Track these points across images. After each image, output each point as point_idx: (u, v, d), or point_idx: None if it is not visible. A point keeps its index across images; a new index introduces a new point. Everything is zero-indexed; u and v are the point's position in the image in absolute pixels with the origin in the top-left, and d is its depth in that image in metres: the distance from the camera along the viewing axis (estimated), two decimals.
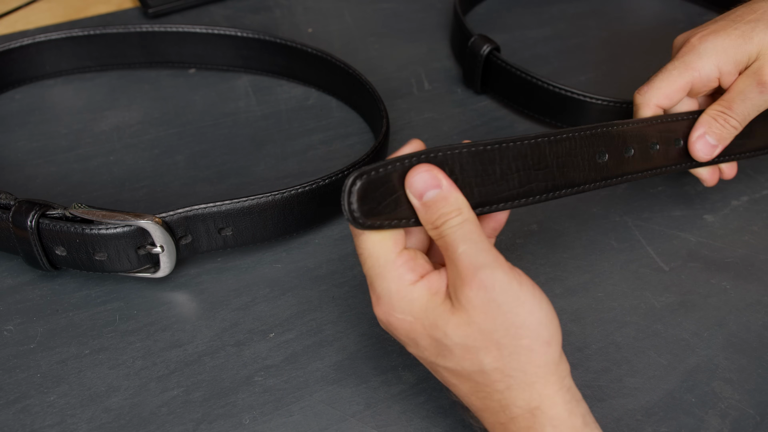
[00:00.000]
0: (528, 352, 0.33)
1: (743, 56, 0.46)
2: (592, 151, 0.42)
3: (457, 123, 0.64)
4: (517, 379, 0.33)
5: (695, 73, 0.47)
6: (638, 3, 0.83)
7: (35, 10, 0.77)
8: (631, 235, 0.53)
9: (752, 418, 0.42)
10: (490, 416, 0.35)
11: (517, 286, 0.33)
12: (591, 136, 0.42)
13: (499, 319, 0.33)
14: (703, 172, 0.50)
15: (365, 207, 0.34)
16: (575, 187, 0.41)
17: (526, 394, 0.34)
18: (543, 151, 0.39)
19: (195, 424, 0.41)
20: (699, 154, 0.48)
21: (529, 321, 0.33)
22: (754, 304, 0.49)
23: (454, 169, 0.36)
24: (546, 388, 0.34)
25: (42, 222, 0.44)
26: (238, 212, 0.47)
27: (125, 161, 0.58)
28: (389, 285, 0.35)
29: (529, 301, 0.33)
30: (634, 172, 0.45)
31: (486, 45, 0.63)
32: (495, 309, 0.33)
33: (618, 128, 0.44)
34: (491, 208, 0.37)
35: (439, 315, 0.34)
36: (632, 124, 0.45)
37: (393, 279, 0.34)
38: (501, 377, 0.34)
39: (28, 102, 0.64)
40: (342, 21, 0.77)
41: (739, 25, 0.47)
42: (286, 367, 0.44)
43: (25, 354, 0.44)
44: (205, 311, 0.47)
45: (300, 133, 0.61)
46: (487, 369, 0.34)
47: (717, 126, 0.47)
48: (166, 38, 0.66)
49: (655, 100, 0.47)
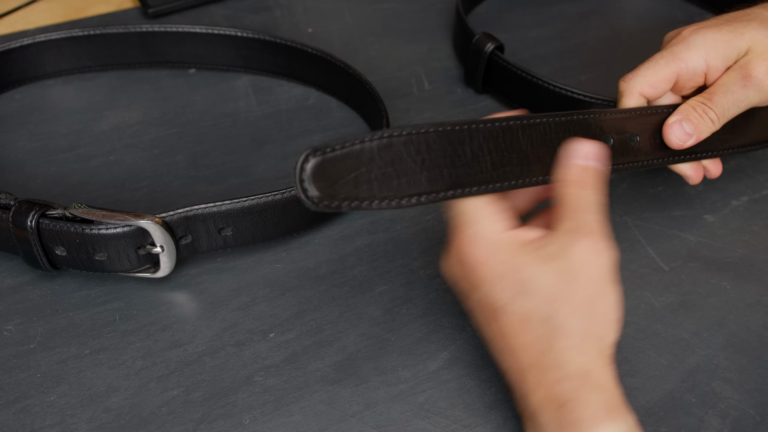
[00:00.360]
0: (597, 321, 0.35)
1: (732, 52, 0.46)
2: (567, 138, 0.40)
3: None
4: (576, 340, 0.35)
5: (682, 64, 0.46)
6: (638, 3, 0.83)
7: (35, 10, 0.77)
8: (631, 235, 0.53)
9: (752, 418, 0.42)
10: (536, 374, 0.36)
11: (615, 267, 0.36)
12: (566, 123, 0.41)
13: (590, 282, 0.35)
14: (686, 169, 0.49)
15: (320, 184, 0.33)
16: (551, 175, 0.40)
17: (581, 358, 0.35)
18: (516, 134, 0.38)
19: (195, 424, 0.41)
20: (672, 139, 0.46)
21: (611, 297, 0.36)
22: (754, 304, 0.49)
23: (420, 149, 0.35)
24: (598, 359, 0.35)
25: (42, 222, 0.44)
26: (238, 212, 0.47)
27: (125, 161, 0.58)
28: (482, 227, 0.36)
29: (615, 283, 0.36)
30: (613, 164, 0.44)
31: (490, 43, 0.63)
32: (594, 272, 0.35)
33: (596, 116, 0.43)
34: (464, 191, 0.37)
35: (532, 259, 0.36)
36: (612, 113, 0.44)
37: (485, 223, 0.37)
38: (564, 334, 0.35)
39: (28, 102, 0.64)
40: (342, 21, 0.77)
41: (732, 23, 0.47)
42: (286, 367, 0.44)
43: (25, 354, 0.44)
44: (205, 311, 0.47)
45: (300, 133, 0.61)
46: (555, 321, 0.35)
47: (695, 115, 0.46)
48: (166, 38, 0.66)
49: (639, 88, 0.47)
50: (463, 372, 0.44)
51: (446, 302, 0.48)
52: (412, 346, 0.45)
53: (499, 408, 0.42)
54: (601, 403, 0.34)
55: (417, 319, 0.47)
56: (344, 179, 0.33)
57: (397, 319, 0.47)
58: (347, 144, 0.33)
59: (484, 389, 0.43)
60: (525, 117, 0.39)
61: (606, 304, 0.36)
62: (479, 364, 0.44)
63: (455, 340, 0.46)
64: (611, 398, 0.35)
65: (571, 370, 0.35)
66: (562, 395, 0.35)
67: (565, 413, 0.34)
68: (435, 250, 0.51)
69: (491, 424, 0.41)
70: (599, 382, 0.35)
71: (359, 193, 0.34)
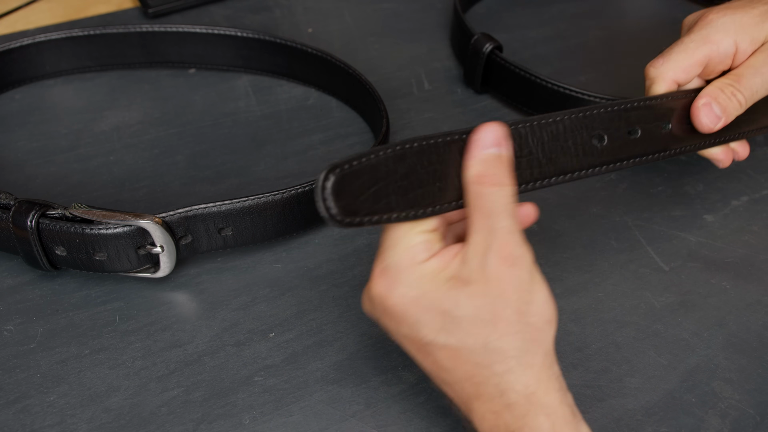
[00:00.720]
0: (533, 331, 0.34)
1: (761, 34, 0.45)
2: (587, 134, 0.40)
3: (457, 123, 0.63)
4: (518, 360, 0.33)
5: (713, 47, 0.45)
6: (638, 3, 0.83)
7: (35, 10, 0.77)
8: (631, 235, 0.53)
9: (752, 418, 0.42)
10: (482, 405, 0.34)
11: (534, 269, 0.34)
12: (588, 118, 0.40)
13: (516, 296, 0.33)
14: (717, 152, 0.47)
15: (342, 202, 0.32)
16: (567, 174, 0.39)
17: (525, 378, 0.33)
18: (525, 139, 0.38)
19: (195, 424, 0.41)
20: (704, 121, 0.44)
21: (538, 298, 0.34)
22: (754, 304, 0.49)
23: (432, 159, 0.35)
24: (542, 372, 0.34)
25: (42, 222, 0.44)
26: (238, 212, 0.47)
27: (125, 161, 0.58)
28: (399, 258, 0.34)
29: (538, 280, 0.34)
30: (643, 155, 0.43)
31: (488, 43, 0.63)
32: (516, 285, 0.33)
33: (622, 108, 0.41)
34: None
35: (451, 287, 0.33)
36: (640, 102, 0.43)
37: (404, 253, 0.34)
38: (502, 358, 0.33)
39: (28, 102, 0.64)
40: (342, 21, 0.77)
41: (757, 5, 0.46)
42: (286, 367, 0.44)
43: (25, 354, 0.44)
44: (205, 311, 0.47)
45: (300, 133, 0.61)
46: (491, 347, 0.33)
47: (723, 97, 0.45)
48: (166, 38, 0.66)
49: (672, 74, 0.45)
50: None
51: None
52: None
53: None
54: (549, 428, 0.33)
55: None
56: (364, 195, 0.33)
57: None
58: (363, 159, 0.33)
59: None
60: (538, 118, 0.38)
61: (536, 307, 0.34)
62: None
63: None
64: (558, 420, 0.33)
65: (513, 397, 0.33)
66: (509, 424, 0.33)
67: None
68: None
69: None
70: (544, 402, 0.33)
71: (379, 207, 0.33)
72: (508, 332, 0.33)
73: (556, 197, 0.56)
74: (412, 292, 0.34)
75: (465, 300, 0.33)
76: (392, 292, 0.34)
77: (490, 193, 0.34)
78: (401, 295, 0.34)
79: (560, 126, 0.39)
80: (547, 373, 0.34)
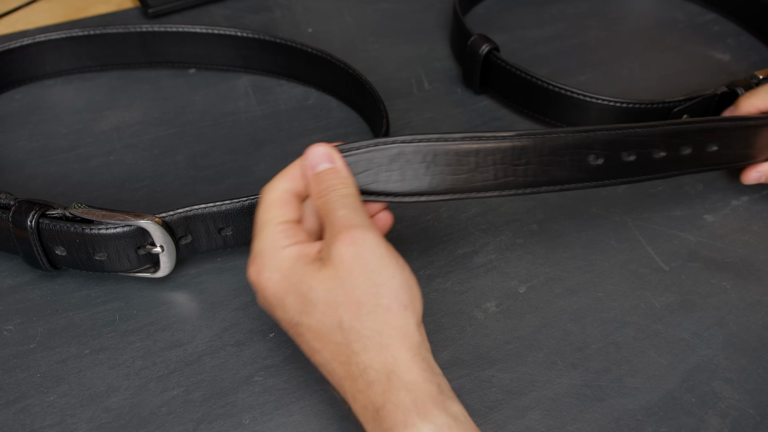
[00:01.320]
0: (385, 312, 0.34)
1: None
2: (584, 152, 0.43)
3: (457, 123, 0.63)
4: (372, 340, 0.34)
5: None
6: (638, 3, 0.83)
7: (35, 10, 0.77)
8: (631, 235, 0.53)
9: (752, 418, 0.42)
10: (351, 384, 0.35)
11: (384, 250, 0.35)
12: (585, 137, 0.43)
13: (362, 276, 0.34)
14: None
15: None
16: (557, 185, 0.43)
17: (382, 357, 0.34)
18: (525, 149, 0.41)
19: (195, 424, 0.41)
20: (747, 181, 0.54)
21: (390, 282, 0.35)
22: (754, 304, 0.49)
23: (426, 158, 0.39)
24: (401, 353, 0.34)
25: (42, 222, 0.44)
26: (238, 212, 0.47)
27: (125, 161, 0.58)
28: (264, 245, 0.37)
29: (392, 265, 0.35)
30: (633, 177, 0.46)
31: (485, 44, 0.63)
32: (361, 265, 0.35)
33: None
34: (462, 196, 0.41)
35: (306, 271, 0.35)
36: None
37: (268, 239, 0.37)
38: (357, 337, 0.34)
39: (28, 102, 0.64)
40: (342, 21, 0.77)
41: None
42: (286, 366, 0.44)
43: (25, 354, 0.44)
44: (205, 311, 0.47)
45: (300, 133, 0.61)
46: (345, 326, 0.34)
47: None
48: (166, 38, 0.66)
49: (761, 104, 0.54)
50: (463, 372, 0.44)
51: (446, 302, 0.48)
52: None
53: (499, 408, 0.42)
54: (411, 402, 0.33)
55: None
56: (359, 174, 0.39)
57: None
58: (362, 148, 0.39)
59: (484, 389, 0.43)
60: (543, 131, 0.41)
61: (388, 290, 0.35)
62: (479, 364, 0.44)
63: (455, 340, 0.46)
64: (421, 395, 0.33)
65: (373, 375, 0.33)
66: (374, 401, 0.33)
67: (380, 420, 0.33)
68: (435, 250, 0.51)
69: (491, 424, 0.41)
70: (406, 379, 0.33)
71: (371, 188, 0.39)
72: (360, 313, 0.34)
73: (556, 197, 0.56)
74: (276, 275, 0.36)
75: (318, 283, 0.35)
76: (261, 275, 0.37)
77: (329, 199, 0.37)
78: (267, 278, 0.36)
79: (561, 141, 0.42)
80: (407, 354, 0.34)
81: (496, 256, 0.51)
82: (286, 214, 0.38)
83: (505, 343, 0.46)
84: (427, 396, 0.33)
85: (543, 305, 0.48)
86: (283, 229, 0.37)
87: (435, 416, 0.32)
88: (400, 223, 0.53)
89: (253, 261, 0.37)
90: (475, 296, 0.48)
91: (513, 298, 0.48)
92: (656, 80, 0.70)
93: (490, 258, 0.51)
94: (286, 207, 0.38)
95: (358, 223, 0.36)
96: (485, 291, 0.49)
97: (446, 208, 0.55)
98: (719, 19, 0.80)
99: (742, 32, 0.78)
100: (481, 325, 0.47)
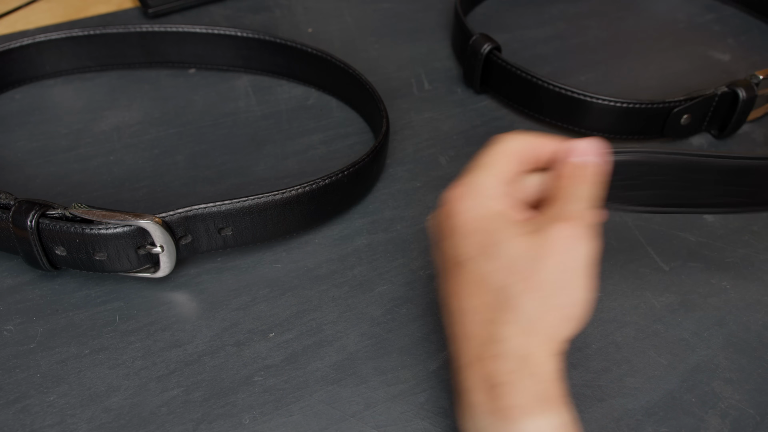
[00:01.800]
0: (552, 309, 0.33)
1: None
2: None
3: (457, 123, 0.64)
4: (525, 320, 0.33)
5: None
6: (638, 3, 0.83)
7: (35, 10, 0.77)
8: (631, 235, 0.53)
9: (752, 418, 0.42)
10: (478, 346, 0.34)
11: (590, 262, 0.34)
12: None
13: (558, 268, 0.33)
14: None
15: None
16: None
17: (525, 339, 0.33)
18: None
19: (195, 424, 0.41)
20: None
21: (574, 293, 0.34)
22: (754, 304, 0.49)
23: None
24: (542, 346, 0.33)
25: (42, 222, 0.44)
26: (238, 212, 0.47)
27: (125, 161, 0.58)
28: (483, 180, 0.36)
29: (586, 280, 0.34)
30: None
31: (486, 44, 0.63)
32: (565, 259, 0.33)
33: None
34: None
35: (507, 227, 0.35)
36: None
37: (489, 177, 0.36)
38: (513, 308, 0.33)
39: (28, 102, 0.64)
40: (342, 21, 0.77)
41: None
42: (285, 367, 0.44)
43: (25, 354, 0.44)
44: (205, 311, 0.47)
45: (300, 133, 0.61)
46: (509, 292, 0.33)
47: None
48: (166, 38, 0.66)
49: None
50: None
51: None
52: (412, 346, 0.45)
53: None
54: (535, 392, 0.32)
55: (417, 319, 0.47)
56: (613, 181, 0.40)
57: (397, 319, 0.47)
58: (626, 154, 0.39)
59: None
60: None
61: (568, 297, 0.34)
62: None
63: None
64: (547, 389, 0.33)
65: (509, 348, 0.33)
66: (496, 375, 0.33)
67: (496, 396, 0.32)
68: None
69: None
70: (537, 369, 0.33)
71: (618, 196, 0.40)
72: (530, 291, 0.33)
73: None
74: (478, 210, 0.35)
75: (516, 244, 0.34)
76: (462, 201, 0.36)
77: (575, 187, 0.36)
78: (468, 207, 0.36)
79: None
80: (548, 351, 0.33)
81: None
82: (514, 169, 0.37)
83: None
84: (554, 393, 0.33)
85: None
86: (507, 178, 0.37)
87: (554, 414, 0.32)
88: (400, 223, 0.53)
89: (461, 185, 0.36)
90: None
91: None
92: (656, 80, 0.70)
93: None
94: (518, 163, 0.37)
95: (588, 223, 0.35)
96: None
97: None
98: (719, 19, 0.80)
99: (743, 32, 0.78)
100: None
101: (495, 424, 0.33)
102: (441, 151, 0.60)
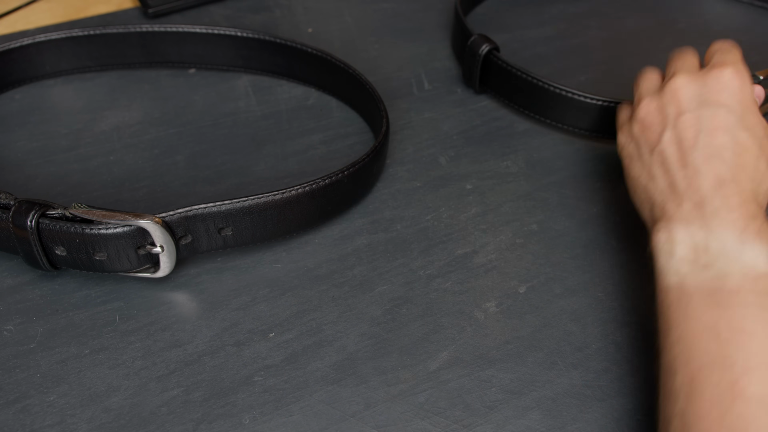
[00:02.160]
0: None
1: None
2: None
3: (457, 123, 0.64)
4: (748, 183, 0.42)
5: None
6: (638, 3, 0.83)
7: (35, 10, 0.77)
8: (631, 235, 0.53)
9: None
10: (703, 155, 0.43)
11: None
12: None
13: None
14: None
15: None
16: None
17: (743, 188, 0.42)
18: None
19: (195, 424, 0.41)
20: None
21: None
22: None
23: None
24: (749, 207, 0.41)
25: (42, 222, 0.44)
26: (238, 212, 0.47)
27: (125, 161, 0.58)
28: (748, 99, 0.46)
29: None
30: None
31: (485, 45, 0.63)
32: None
33: None
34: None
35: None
36: None
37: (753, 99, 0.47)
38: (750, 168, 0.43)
39: (28, 102, 0.64)
40: (342, 21, 0.77)
41: None
42: (285, 367, 0.44)
43: (25, 354, 0.44)
44: (205, 311, 0.47)
45: (300, 133, 0.61)
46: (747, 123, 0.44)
47: None
48: (166, 38, 0.66)
49: None
50: (463, 372, 0.44)
51: (446, 302, 0.48)
52: (412, 346, 0.45)
53: (499, 408, 0.42)
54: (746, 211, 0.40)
55: (417, 319, 0.47)
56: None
57: (396, 319, 0.47)
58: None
59: (484, 389, 0.43)
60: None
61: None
62: (479, 364, 0.44)
63: (455, 340, 0.46)
64: (742, 228, 0.40)
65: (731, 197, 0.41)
66: (717, 180, 0.42)
67: (702, 204, 0.41)
68: (435, 250, 0.51)
69: (491, 424, 0.41)
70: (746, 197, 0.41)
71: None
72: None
73: (556, 197, 0.56)
74: (748, 91, 0.46)
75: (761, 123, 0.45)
76: (742, 78, 0.46)
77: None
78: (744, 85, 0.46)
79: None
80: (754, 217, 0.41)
81: (496, 256, 0.51)
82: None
83: (505, 343, 0.46)
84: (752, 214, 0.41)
85: (543, 305, 0.48)
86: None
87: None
88: (400, 223, 0.53)
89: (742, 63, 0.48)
90: (475, 296, 0.48)
91: (513, 298, 0.48)
92: None
93: (490, 258, 0.51)
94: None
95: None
96: (485, 291, 0.49)
97: (446, 208, 0.55)
98: (719, 18, 0.80)
99: (743, 31, 0.78)
100: (481, 325, 0.47)
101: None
102: (441, 151, 0.60)
